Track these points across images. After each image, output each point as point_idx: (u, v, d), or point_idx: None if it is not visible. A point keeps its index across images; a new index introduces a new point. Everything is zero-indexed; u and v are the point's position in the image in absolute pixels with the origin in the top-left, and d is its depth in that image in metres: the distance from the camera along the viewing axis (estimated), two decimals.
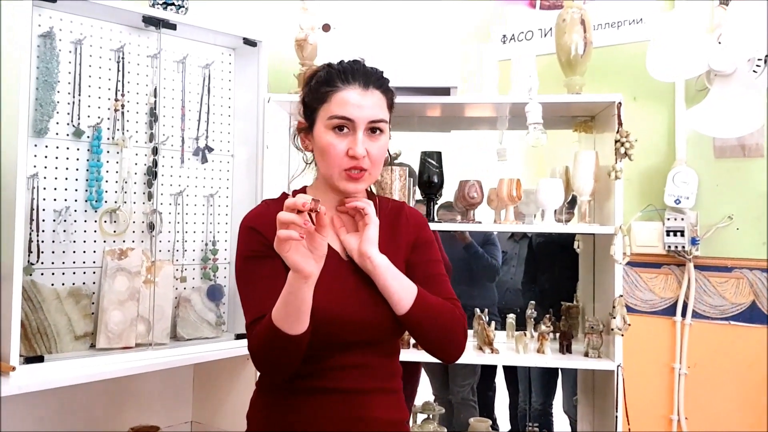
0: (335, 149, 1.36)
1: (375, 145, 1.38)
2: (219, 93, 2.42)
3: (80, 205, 2.08)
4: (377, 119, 1.37)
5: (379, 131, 1.39)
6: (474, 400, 3.79)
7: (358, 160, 1.35)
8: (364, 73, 1.39)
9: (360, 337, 1.36)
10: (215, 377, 2.39)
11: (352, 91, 1.36)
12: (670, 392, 2.45)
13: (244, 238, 1.42)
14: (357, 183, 1.38)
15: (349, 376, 1.37)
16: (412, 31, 2.38)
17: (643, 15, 2.55)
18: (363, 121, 1.36)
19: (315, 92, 1.40)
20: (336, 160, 1.36)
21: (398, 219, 1.51)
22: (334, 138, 1.36)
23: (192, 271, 2.33)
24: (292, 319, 1.25)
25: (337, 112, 1.36)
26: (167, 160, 2.28)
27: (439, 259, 1.51)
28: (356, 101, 1.36)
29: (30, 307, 1.94)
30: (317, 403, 1.36)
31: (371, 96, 1.38)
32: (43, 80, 1.98)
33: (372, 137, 1.38)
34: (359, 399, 1.37)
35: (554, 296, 2.75)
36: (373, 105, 1.37)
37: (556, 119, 2.52)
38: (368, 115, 1.36)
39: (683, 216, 2.40)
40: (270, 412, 1.41)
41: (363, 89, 1.37)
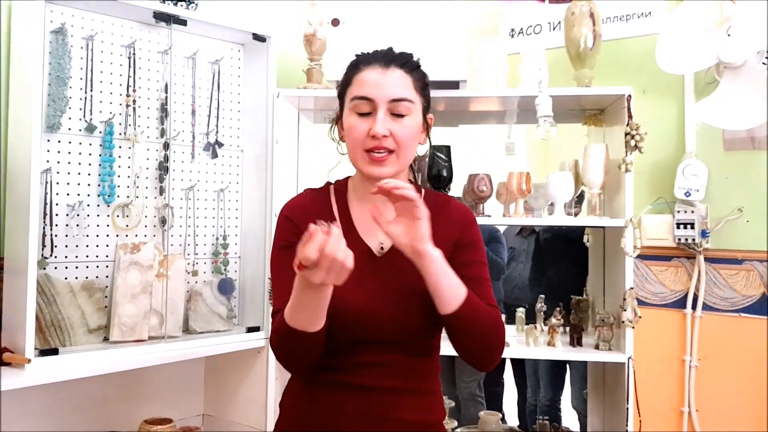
0: (356, 130, 1.34)
1: (400, 126, 1.34)
2: (229, 88, 2.43)
3: (93, 200, 2.09)
4: (399, 97, 1.33)
5: (403, 113, 1.34)
6: (481, 395, 3.79)
7: (379, 139, 1.32)
8: (385, 53, 1.37)
9: (387, 336, 1.33)
10: (226, 370, 2.41)
11: (371, 71, 1.35)
12: (680, 384, 2.45)
13: (279, 227, 1.42)
14: (381, 166, 1.34)
15: (374, 374, 1.35)
16: (420, 25, 2.38)
17: (651, 8, 2.55)
18: (383, 100, 1.33)
19: (343, 79, 1.40)
20: (357, 142, 1.34)
21: (442, 214, 1.44)
22: (356, 120, 1.34)
23: (203, 265, 2.35)
24: (309, 319, 1.23)
25: (357, 93, 1.35)
26: (178, 155, 2.29)
27: (483, 261, 1.45)
28: (375, 80, 1.34)
29: (44, 301, 1.95)
30: (343, 398, 1.35)
31: (392, 74, 1.34)
32: (56, 76, 2.00)
33: (394, 118, 1.34)
34: (384, 397, 1.35)
35: (563, 291, 2.75)
36: (394, 84, 1.34)
37: (565, 113, 2.52)
38: (389, 93, 1.33)
39: (693, 208, 2.40)
40: (299, 402, 1.42)
41: (383, 68, 1.35)
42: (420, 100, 1.39)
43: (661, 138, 2.50)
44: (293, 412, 1.44)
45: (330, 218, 1.40)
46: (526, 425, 3.76)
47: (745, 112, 2.23)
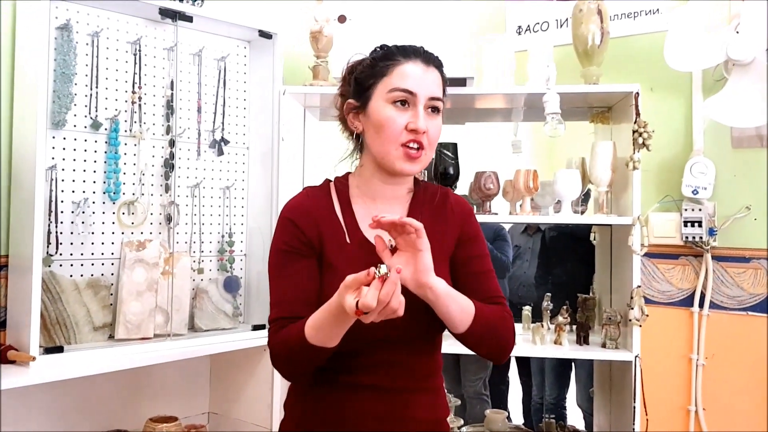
0: (394, 122, 1.31)
1: (433, 124, 1.34)
2: (234, 85, 2.42)
3: (98, 197, 2.08)
4: (437, 97, 1.35)
5: (437, 111, 1.36)
6: (486, 394, 3.79)
7: (418, 134, 1.31)
8: (424, 51, 1.37)
9: (397, 334, 1.31)
10: (232, 368, 2.40)
11: (413, 65, 1.34)
12: (687, 383, 2.44)
13: (281, 229, 1.38)
14: (414, 163, 1.33)
15: (387, 373, 1.34)
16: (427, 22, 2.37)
17: (659, 5, 2.54)
18: (424, 96, 1.32)
19: (371, 68, 1.36)
20: (394, 135, 1.31)
21: (443, 207, 1.44)
22: (393, 111, 1.32)
23: (209, 262, 2.34)
24: (331, 337, 1.23)
25: (399, 85, 1.32)
26: (184, 152, 2.28)
27: (486, 253, 1.45)
28: (419, 75, 1.33)
29: (49, 298, 1.95)
30: (353, 398, 1.34)
31: (431, 73, 1.35)
32: (61, 72, 1.99)
33: (430, 116, 1.34)
34: (396, 397, 1.34)
35: (569, 289, 2.74)
36: (433, 82, 1.35)
37: (572, 110, 2.51)
38: (430, 90, 1.33)
39: (701, 206, 2.39)
40: (306, 404, 1.40)
41: (425, 65, 1.34)
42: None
43: (668, 135, 2.49)
44: (301, 412, 1.42)
45: (332, 219, 1.38)
46: (532, 424, 3.76)
47: (753, 110, 2.21)
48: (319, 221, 1.37)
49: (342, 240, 1.36)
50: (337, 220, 1.38)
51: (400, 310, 1.12)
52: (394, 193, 1.42)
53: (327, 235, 1.36)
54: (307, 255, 1.35)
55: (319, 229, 1.36)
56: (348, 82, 1.43)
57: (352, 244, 1.36)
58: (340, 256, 1.34)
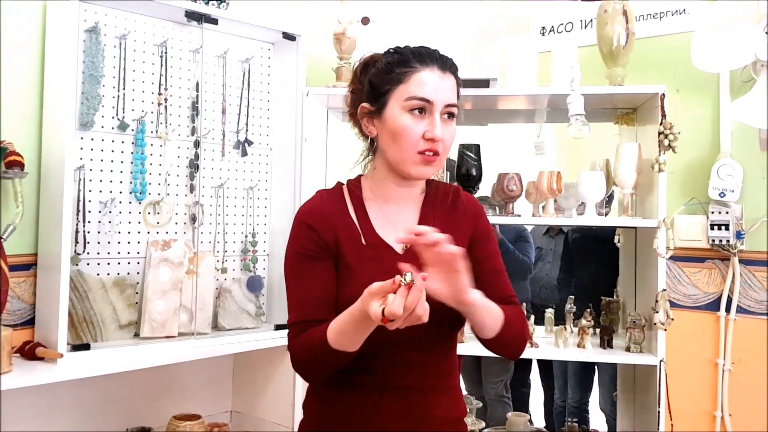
0: (412, 131, 1.32)
1: (449, 131, 1.35)
2: (258, 87, 2.44)
3: (125, 197, 2.11)
4: (453, 103, 1.35)
5: (452, 117, 1.36)
6: (508, 396, 3.77)
7: (435, 143, 1.32)
8: (441, 57, 1.37)
9: (416, 334, 1.28)
10: (254, 367, 2.42)
11: (431, 72, 1.33)
12: (713, 388, 2.41)
13: (297, 233, 1.39)
14: (430, 167, 1.34)
15: (407, 373, 1.34)
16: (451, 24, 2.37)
17: (686, 5, 2.51)
18: (441, 104, 1.33)
19: (387, 73, 1.36)
20: (412, 143, 1.32)
21: (455, 206, 1.45)
22: (410, 120, 1.32)
23: (232, 262, 2.36)
24: (353, 342, 1.24)
25: (417, 93, 1.32)
26: (208, 153, 2.30)
27: (497, 251, 1.46)
28: (435, 83, 1.33)
29: (77, 297, 1.98)
30: (375, 400, 1.34)
31: (448, 79, 1.35)
32: (89, 74, 2.02)
33: (446, 122, 1.35)
34: (417, 397, 1.35)
35: (591, 291, 2.73)
36: (449, 89, 1.35)
37: (597, 112, 2.49)
38: (447, 98, 1.33)
39: (728, 209, 2.36)
40: (326, 404, 1.41)
41: (441, 72, 1.34)
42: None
43: (695, 137, 2.46)
44: (319, 412, 1.43)
45: (347, 221, 1.39)
46: (554, 427, 3.73)
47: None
48: (335, 224, 1.37)
49: (357, 241, 1.37)
50: (352, 223, 1.39)
51: (424, 316, 1.13)
52: (407, 195, 1.43)
53: (343, 237, 1.37)
54: (324, 258, 1.36)
55: (335, 231, 1.37)
56: (360, 80, 1.42)
57: (368, 246, 1.37)
58: (356, 257, 1.35)
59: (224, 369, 2.49)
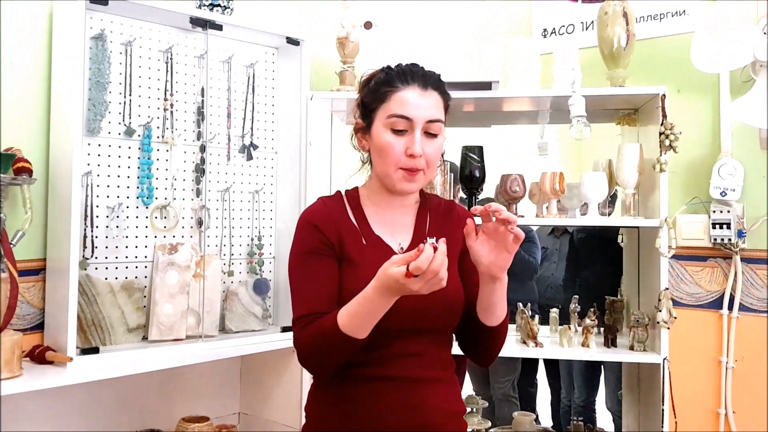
0: (394, 149, 1.38)
1: (431, 146, 1.40)
2: (263, 91, 2.46)
3: (132, 202, 2.14)
4: (434, 119, 1.39)
5: (436, 132, 1.41)
6: (515, 396, 3.77)
7: (416, 159, 1.38)
8: (423, 74, 1.42)
9: (415, 325, 1.38)
10: (262, 369, 2.44)
11: (411, 91, 1.39)
12: (717, 386, 2.42)
13: (303, 234, 1.45)
14: (413, 182, 1.40)
15: (407, 365, 1.38)
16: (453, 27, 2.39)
17: (686, 6, 2.53)
18: (421, 121, 1.38)
19: (374, 92, 1.43)
20: (393, 159, 1.39)
21: (449, 215, 1.53)
22: (392, 137, 1.39)
23: (239, 265, 2.38)
24: (363, 326, 1.28)
25: (397, 111, 1.38)
26: (214, 157, 2.33)
27: None
28: (415, 101, 1.38)
29: (85, 301, 2.00)
30: (376, 391, 1.37)
31: (429, 97, 1.40)
32: (96, 81, 2.05)
33: (428, 138, 1.40)
34: (418, 388, 1.38)
35: (597, 291, 2.74)
36: (431, 105, 1.40)
37: (598, 113, 2.51)
38: (426, 114, 1.38)
39: (729, 208, 2.37)
40: (328, 402, 1.44)
41: (422, 90, 1.40)
42: (445, 119, 1.45)
43: (696, 137, 2.48)
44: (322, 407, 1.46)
45: (348, 223, 1.46)
46: (560, 426, 3.74)
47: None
48: (338, 224, 1.44)
49: (359, 241, 1.44)
50: (353, 224, 1.46)
51: (445, 281, 1.20)
52: (401, 203, 1.49)
53: (345, 236, 1.43)
54: (330, 255, 1.41)
55: (339, 230, 1.43)
56: (359, 97, 1.50)
57: (368, 244, 1.43)
58: (358, 254, 1.42)
59: (232, 371, 2.52)
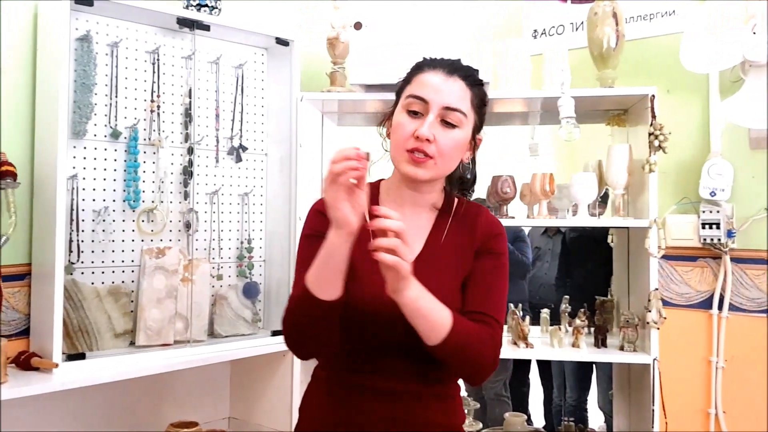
0: (404, 129, 1.31)
1: (447, 136, 1.31)
2: (252, 92, 2.44)
3: (118, 205, 2.12)
4: (452, 107, 1.31)
5: (454, 123, 1.32)
6: (507, 395, 3.77)
7: (422, 141, 1.29)
8: (453, 62, 1.36)
9: (407, 341, 1.29)
10: (252, 373, 2.42)
11: (434, 74, 1.33)
12: (707, 386, 2.43)
13: (309, 219, 1.41)
14: (418, 167, 1.31)
15: (399, 378, 1.34)
16: (443, 28, 2.38)
17: (675, 7, 2.53)
18: (437, 105, 1.30)
19: (405, 80, 1.39)
20: (402, 140, 1.32)
21: (471, 223, 1.42)
22: (406, 118, 1.32)
23: (228, 269, 2.37)
24: (326, 282, 1.22)
25: (414, 92, 1.33)
26: (202, 159, 2.31)
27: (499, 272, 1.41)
28: (435, 84, 1.32)
29: (71, 306, 1.98)
30: (369, 401, 1.34)
31: (452, 83, 1.32)
32: (81, 83, 2.03)
33: (445, 127, 1.31)
34: (409, 401, 1.35)
35: (588, 291, 2.73)
36: (452, 92, 1.32)
37: (589, 113, 2.51)
38: (444, 100, 1.31)
39: (719, 208, 2.37)
40: (321, 406, 1.41)
41: (446, 75, 1.33)
42: (473, 117, 1.36)
43: (685, 137, 2.48)
44: (314, 414, 1.43)
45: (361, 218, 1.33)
46: (552, 426, 3.74)
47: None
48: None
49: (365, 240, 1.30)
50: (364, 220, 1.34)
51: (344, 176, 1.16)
52: (420, 201, 1.41)
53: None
54: None
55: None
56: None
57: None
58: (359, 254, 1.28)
59: (222, 376, 2.50)
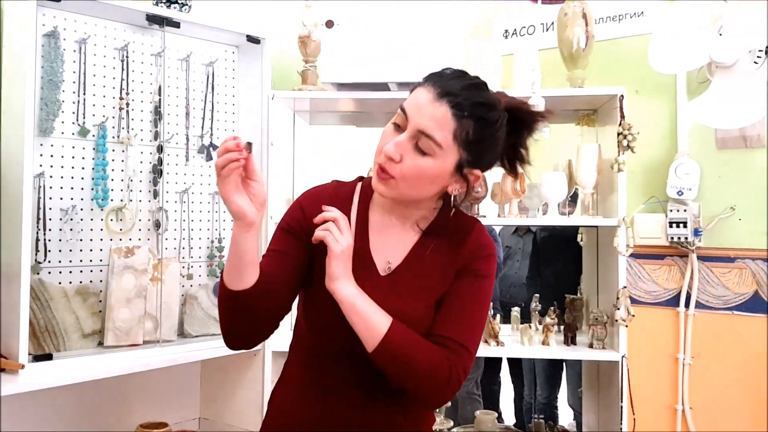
0: (382, 140, 1.25)
1: (413, 160, 1.22)
2: (223, 90, 2.43)
3: (86, 204, 2.09)
4: (426, 132, 1.20)
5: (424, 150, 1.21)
6: (478, 393, 3.79)
7: (384, 157, 1.22)
8: (449, 86, 1.22)
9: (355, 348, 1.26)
10: (222, 373, 2.41)
11: (425, 92, 1.22)
12: (674, 382, 2.47)
13: (289, 210, 1.37)
14: (380, 183, 1.26)
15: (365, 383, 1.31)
16: (414, 27, 2.38)
17: (644, 8, 2.56)
18: (412, 126, 1.21)
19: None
20: (377, 151, 1.26)
21: (462, 242, 1.35)
22: (389, 129, 1.26)
23: (198, 268, 2.35)
24: (234, 272, 1.21)
25: (403, 104, 1.24)
26: (172, 158, 2.29)
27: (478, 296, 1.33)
28: (420, 103, 1.21)
29: (38, 306, 1.95)
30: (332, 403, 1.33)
31: (436, 108, 1.20)
32: (48, 79, 1.99)
33: (416, 152, 1.22)
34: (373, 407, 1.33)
35: (559, 289, 2.76)
36: (432, 117, 1.20)
37: (559, 113, 2.53)
38: (420, 122, 1.20)
39: (686, 207, 2.41)
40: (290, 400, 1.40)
41: (435, 97, 1.20)
42: (455, 151, 1.23)
43: (653, 137, 2.51)
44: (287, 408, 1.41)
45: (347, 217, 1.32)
46: (523, 423, 3.77)
47: (737, 111, 2.24)
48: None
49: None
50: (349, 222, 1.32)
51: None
52: (406, 214, 1.35)
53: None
54: (300, 238, 1.31)
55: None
56: None
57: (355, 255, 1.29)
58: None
59: (192, 376, 2.48)
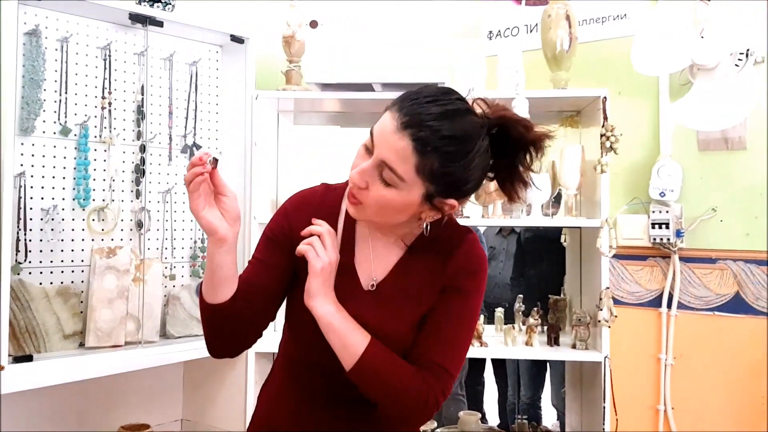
0: (354, 161, 1.20)
1: (377, 190, 1.17)
2: (206, 90, 2.42)
3: (68, 204, 2.07)
4: (389, 164, 1.14)
5: (387, 181, 1.15)
6: (462, 394, 3.80)
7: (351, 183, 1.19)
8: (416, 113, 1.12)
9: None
10: (205, 375, 2.39)
11: (392, 119, 1.14)
12: (656, 383, 2.48)
13: (275, 217, 1.34)
14: (350, 206, 1.23)
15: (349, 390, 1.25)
16: (399, 28, 2.39)
17: (627, 10, 2.58)
18: (377, 155, 1.15)
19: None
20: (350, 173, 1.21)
21: (449, 256, 1.30)
22: (361, 150, 1.20)
23: (181, 268, 2.33)
24: (210, 285, 1.21)
25: (373, 126, 1.18)
26: (155, 157, 2.27)
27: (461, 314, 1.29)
28: (385, 131, 1.14)
29: (18, 307, 1.93)
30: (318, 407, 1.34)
31: (398, 140, 1.12)
32: (29, 78, 1.98)
33: (380, 181, 1.16)
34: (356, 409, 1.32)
35: (542, 290, 2.77)
36: (394, 149, 1.13)
37: (542, 114, 2.54)
38: (382, 153, 1.14)
39: (668, 209, 2.43)
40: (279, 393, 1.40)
41: (398, 127, 1.12)
42: (419, 184, 1.16)
43: (636, 139, 2.53)
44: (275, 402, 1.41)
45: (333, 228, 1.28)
46: (507, 424, 3.78)
47: (718, 113, 2.25)
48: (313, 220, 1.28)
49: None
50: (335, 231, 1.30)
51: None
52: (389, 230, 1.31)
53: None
54: (285, 247, 1.29)
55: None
56: None
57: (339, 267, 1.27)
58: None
59: (174, 377, 2.46)
